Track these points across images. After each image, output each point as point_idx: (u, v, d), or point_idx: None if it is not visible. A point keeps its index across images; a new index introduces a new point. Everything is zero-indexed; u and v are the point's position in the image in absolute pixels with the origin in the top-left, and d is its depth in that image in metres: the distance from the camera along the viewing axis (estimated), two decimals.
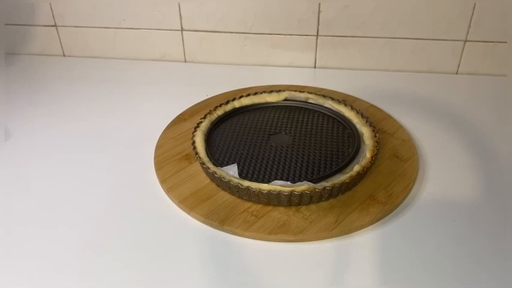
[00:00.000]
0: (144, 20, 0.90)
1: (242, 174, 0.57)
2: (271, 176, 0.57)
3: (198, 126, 0.64)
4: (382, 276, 0.46)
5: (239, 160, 0.59)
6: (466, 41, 0.83)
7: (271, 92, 0.73)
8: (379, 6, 0.81)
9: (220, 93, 0.79)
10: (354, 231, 0.51)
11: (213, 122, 0.67)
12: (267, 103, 0.72)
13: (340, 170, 0.57)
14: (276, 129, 0.66)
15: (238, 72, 0.88)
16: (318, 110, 0.71)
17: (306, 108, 0.71)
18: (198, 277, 0.46)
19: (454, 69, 0.86)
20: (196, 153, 0.59)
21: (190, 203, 0.54)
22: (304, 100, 0.72)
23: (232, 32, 0.88)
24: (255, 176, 0.57)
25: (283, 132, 0.66)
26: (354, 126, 0.65)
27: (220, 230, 0.51)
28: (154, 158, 0.62)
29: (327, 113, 0.70)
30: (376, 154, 0.58)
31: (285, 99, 0.73)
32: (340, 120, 0.68)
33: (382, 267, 0.46)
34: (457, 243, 0.49)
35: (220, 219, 0.51)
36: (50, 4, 0.91)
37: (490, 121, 0.70)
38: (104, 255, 0.48)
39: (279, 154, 0.61)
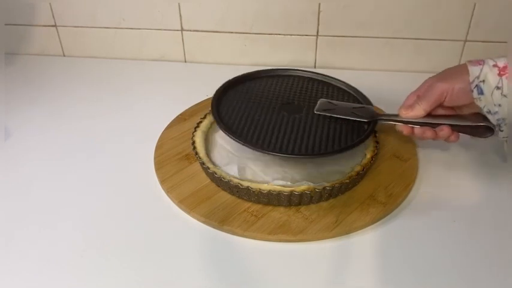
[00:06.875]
0: (143, 20, 0.90)
1: (253, 141, 0.54)
2: (283, 145, 0.54)
3: (198, 126, 0.64)
4: (382, 276, 0.46)
5: (250, 127, 0.57)
6: (466, 41, 0.82)
7: None
8: (379, 6, 0.81)
9: None
10: (353, 231, 0.51)
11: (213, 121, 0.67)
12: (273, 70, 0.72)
13: (353, 146, 0.55)
14: (288, 99, 0.64)
15: (238, 72, 0.88)
16: (331, 82, 0.69)
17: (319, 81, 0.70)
18: (198, 277, 0.46)
19: None
20: (196, 153, 0.59)
21: (190, 203, 0.54)
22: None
23: (232, 32, 0.88)
24: (266, 143, 0.54)
25: (296, 103, 0.63)
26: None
27: (220, 230, 0.51)
28: (154, 158, 0.62)
29: (341, 86, 0.68)
30: (376, 154, 0.58)
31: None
32: (355, 95, 0.66)
33: (382, 267, 0.46)
34: (457, 243, 0.49)
35: (220, 219, 0.51)
36: (50, 4, 0.91)
37: None
38: (104, 255, 0.48)
39: (291, 125, 0.58)
